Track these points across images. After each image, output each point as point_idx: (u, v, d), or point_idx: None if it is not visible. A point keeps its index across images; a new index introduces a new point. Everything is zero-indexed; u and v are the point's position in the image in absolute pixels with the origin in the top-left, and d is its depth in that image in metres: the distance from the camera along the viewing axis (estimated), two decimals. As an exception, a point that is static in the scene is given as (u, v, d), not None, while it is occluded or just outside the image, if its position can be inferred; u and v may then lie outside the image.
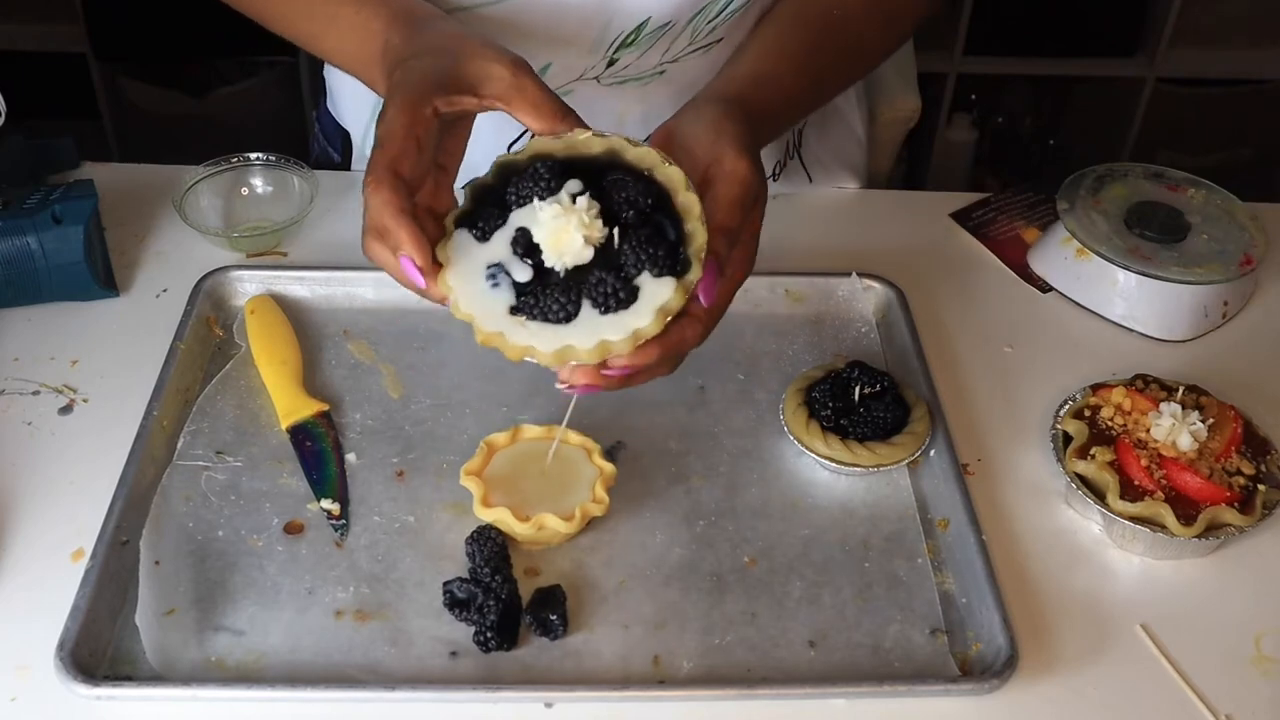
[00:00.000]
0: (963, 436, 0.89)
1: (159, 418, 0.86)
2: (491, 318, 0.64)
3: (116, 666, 0.73)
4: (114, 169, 1.11)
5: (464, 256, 0.66)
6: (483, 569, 0.76)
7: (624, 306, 0.64)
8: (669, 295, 0.64)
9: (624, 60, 0.94)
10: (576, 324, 0.64)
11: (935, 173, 2.39)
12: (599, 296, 0.64)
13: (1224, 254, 1.00)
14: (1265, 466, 0.82)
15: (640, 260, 0.65)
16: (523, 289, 0.65)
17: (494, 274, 0.65)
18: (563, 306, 0.64)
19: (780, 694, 0.72)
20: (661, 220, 0.66)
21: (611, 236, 0.65)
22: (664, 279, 0.65)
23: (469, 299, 0.65)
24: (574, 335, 0.64)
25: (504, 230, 0.66)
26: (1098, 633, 0.78)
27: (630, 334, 0.64)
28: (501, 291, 0.65)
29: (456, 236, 0.66)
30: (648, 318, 0.64)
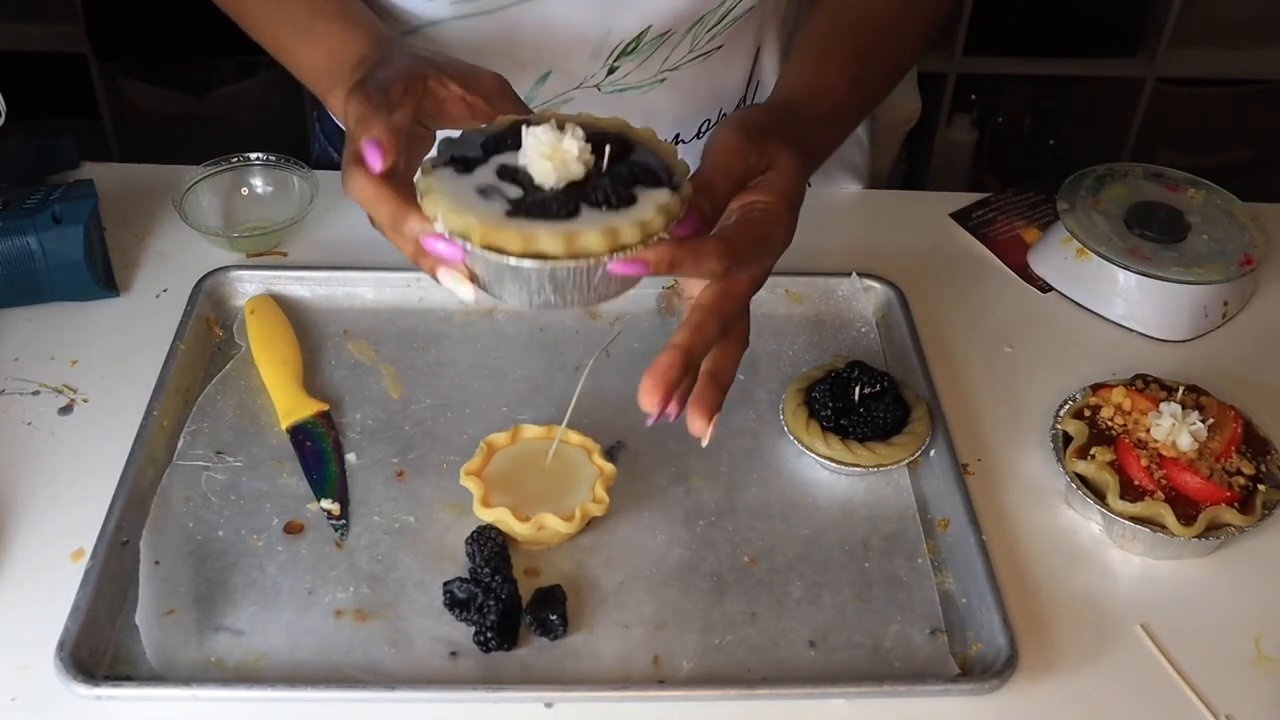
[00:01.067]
0: (963, 436, 0.89)
1: (159, 418, 0.86)
2: (489, 219, 0.61)
3: (116, 666, 0.73)
4: (114, 169, 1.11)
5: (446, 183, 0.63)
6: (483, 569, 0.76)
7: (624, 205, 0.62)
8: (667, 199, 0.63)
9: (624, 69, 0.94)
10: (579, 219, 0.61)
11: (935, 173, 2.39)
12: (597, 197, 0.62)
13: (1224, 254, 1.00)
14: (1265, 466, 0.82)
15: (634, 175, 0.63)
16: (516, 202, 0.62)
17: (484, 190, 0.62)
18: (562, 205, 0.61)
19: (780, 694, 0.72)
20: (647, 154, 0.65)
21: (601, 160, 0.63)
22: (659, 189, 0.63)
23: (460, 210, 0.61)
24: (578, 226, 0.61)
25: (486, 165, 0.64)
26: (1098, 633, 0.78)
27: (637, 223, 0.61)
28: (495, 201, 0.62)
29: (436, 172, 0.64)
30: (650, 212, 0.62)
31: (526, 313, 0.97)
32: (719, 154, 0.68)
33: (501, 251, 0.60)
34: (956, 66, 2.27)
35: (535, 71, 0.95)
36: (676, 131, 1.02)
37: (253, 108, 2.24)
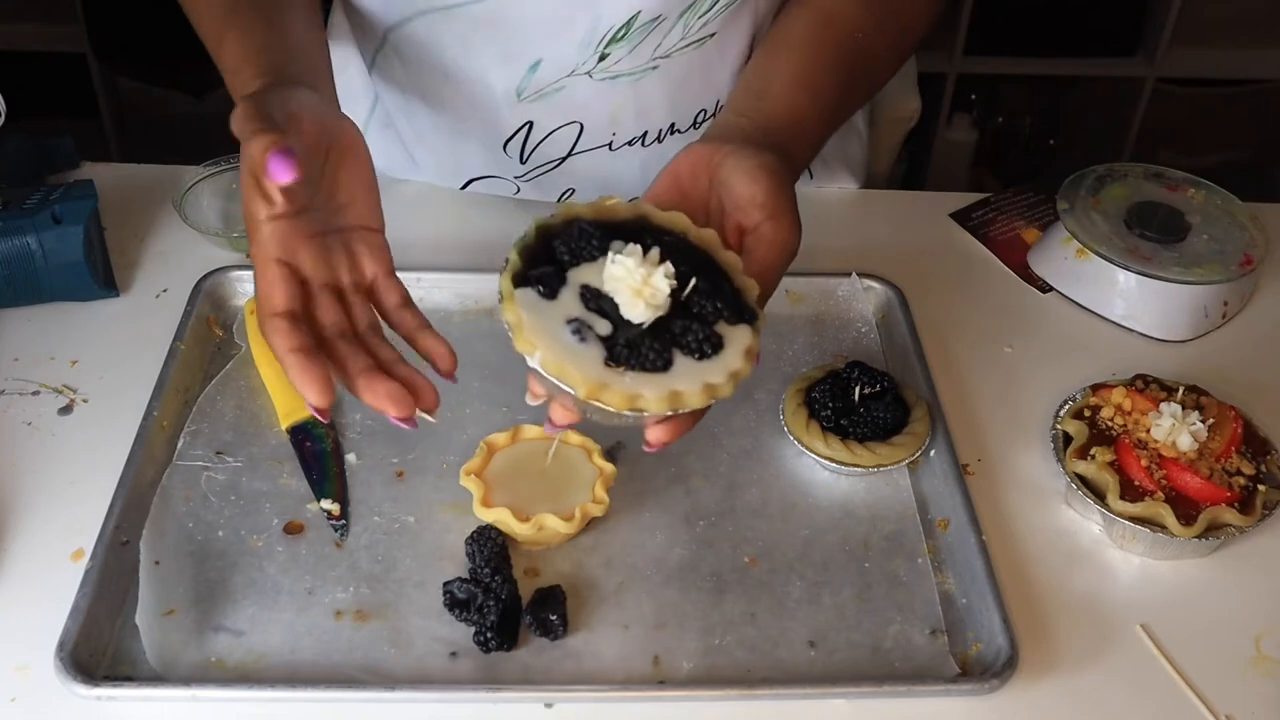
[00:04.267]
0: (963, 436, 0.89)
1: (159, 418, 0.86)
2: (590, 371, 0.63)
3: (116, 666, 0.73)
4: (114, 169, 1.11)
5: (536, 315, 0.64)
6: (483, 569, 0.76)
7: (716, 352, 0.64)
8: (750, 339, 0.65)
9: (615, 55, 0.94)
10: (675, 372, 0.64)
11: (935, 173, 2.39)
12: (691, 344, 0.64)
13: (1224, 254, 1.00)
14: (1265, 466, 0.82)
15: (717, 309, 0.65)
16: (608, 342, 0.64)
17: (577, 328, 0.64)
18: (659, 355, 0.63)
19: (780, 694, 0.72)
20: (716, 274, 0.67)
21: (682, 288, 0.65)
22: (740, 326, 0.66)
23: (558, 354, 0.63)
24: (678, 382, 0.63)
25: (567, 287, 0.65)
26: (1098, 633, 0.78)
27: (730, 375, 0.64)
28: (590, 345, 0.63)
29: (519, 295, 0.64)
30: (739, 360, 0.65)
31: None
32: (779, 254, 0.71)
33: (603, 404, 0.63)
34: (956, 66, 2.28)
35: (526, 60, 0.95)
36: (672, 121, 1.02)
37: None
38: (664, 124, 1.02)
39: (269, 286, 0.67)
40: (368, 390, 0.66)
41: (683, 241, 0.68)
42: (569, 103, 0.98)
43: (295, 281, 0.68)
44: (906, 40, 0.94)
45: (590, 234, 0.66)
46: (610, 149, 1.02)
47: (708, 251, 0.68)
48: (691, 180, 0.74)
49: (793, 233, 0.72)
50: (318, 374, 0.65)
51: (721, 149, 0.74)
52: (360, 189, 0.73)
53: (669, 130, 1.02)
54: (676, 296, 0.64)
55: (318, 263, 0.70)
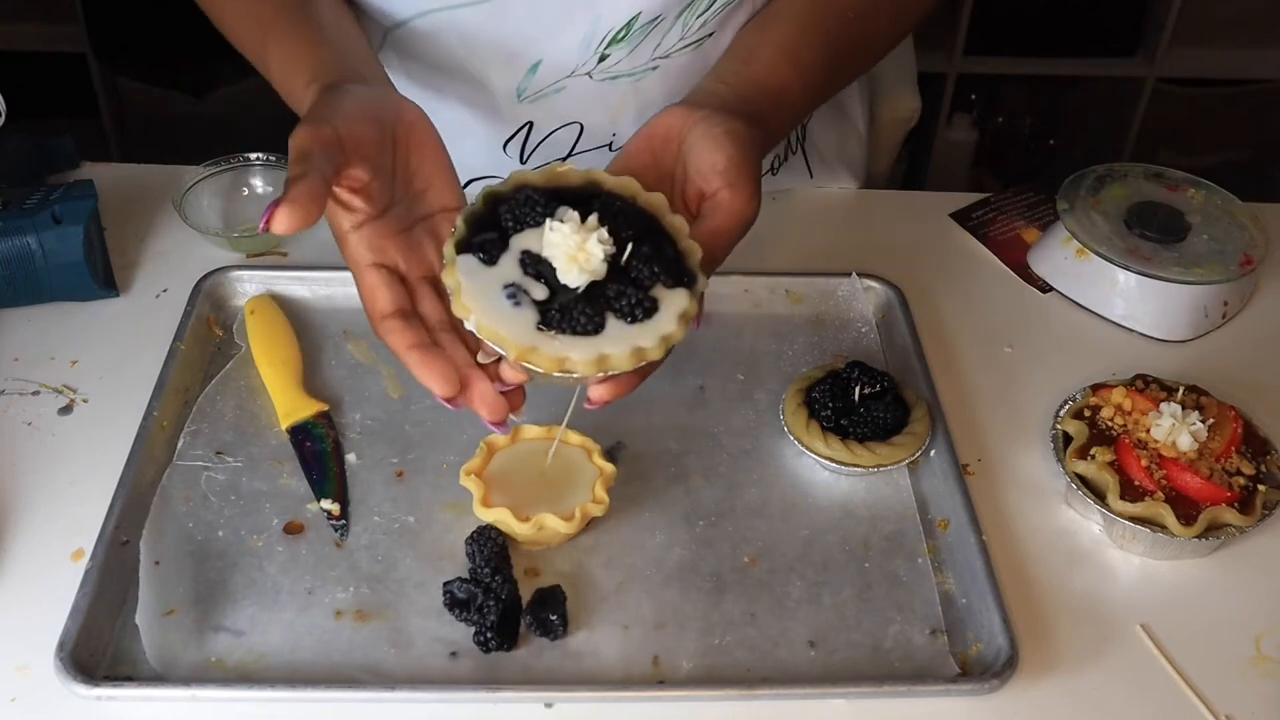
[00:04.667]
0: (963, 436, 0.89)
1: (159, 418, 0.86)
2: (522, 334, 0.64)
3: (116, 666, 0.73)
4: (114, 169, 1.11)
5: (474, 279, 0.66)
6: (483, 569, 0.76)
7: (648, 316, 0.66)
8: (686, 304, 0.66)
9: (615, 56, 0.94)
10: (606, 335, 0.65)
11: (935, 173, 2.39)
12: (624, 308, 0.65)
13: (1224, 254, 1.00)
14: (1265, 466, 0.82)
15: (654, 273, 0.66)
16: (543, 306, 0.65)
17: (513, 293, 0.65)
18: (590, 319, 0.65)
19: (780, 694, 0.72)
20: (659, 238, 0.68)
21: (620, 253, 0.66)
22: (678, 290, 0.67)
23: (492, 318, 0.64)
24: (606, 345, 0.65)
25: (509, 253, 0.67)
26: (1098, 633, 0.78)
27: (661, 338, 0.65)
28: (524, 310, 0.65)
29: (461, 261, 0.66)
30: (672, 324, 0.66)
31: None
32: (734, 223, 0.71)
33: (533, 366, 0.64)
34: (956, 66, 2.28)
35: (526, 61, 0.95)
36: None
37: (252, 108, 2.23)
38: None
39: (371, 292, 0.69)
40: (471, 392, 0.68)
41: (629, 206, 0.69)
42: (569, 103, 0.98)
43: (395, 281, 0.69)
44: (906, 17, 0.93)
45: (535, 201, 0.67)
46: (610, 149, 1.02)
47: (655, 216, 0.69)
48: (663, 143, 0.74)
49: (749, 202, 0.72)
50: (441, 367, 0.67)
51: (694, 114, 0.74)
52: (435, 170, 0.74)
53: None
54: (616, 261, 0.66)
55: (410, 258, 0.71)
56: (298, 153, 0.66)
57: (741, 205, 0.72)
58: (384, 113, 0.72)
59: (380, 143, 0.70)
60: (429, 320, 0.70)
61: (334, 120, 0.68)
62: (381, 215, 0.70)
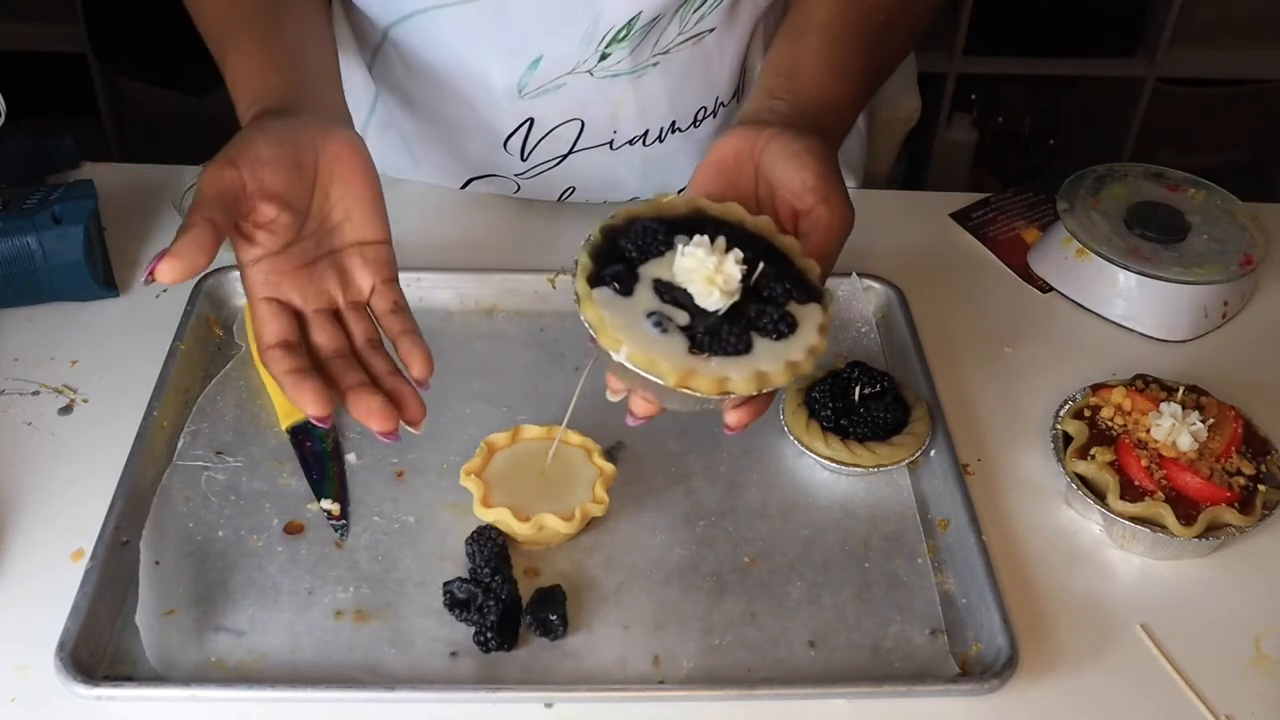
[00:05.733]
0: (963, 436, 0.89)
1: (159, 418, 0.86)
2: (678, 360, 0.64)
3: (116, 666, 0.73)
4: (114, 169, 1.11)
5: (616, 311, 0.66)
6: (483, 569, 0.76)
7: (792, 332, 0.66)
8: (821, 317, 0.68)
9: (616, 55, 0.95)
10: (756, 354, 0.65)
11: (935, 173, 2.39)
12: (768, 326, 0.66)
13: (1224, 254, 1.00)
14: (1265, 466, 0.82)
15: (786, 290, 0.67)
16: (688, 332, 0.66)
17: (658, 320, 0.65)
18: (739, 339, 0.65)
19: (780, 694, 0.72)
20: (779, 258, 0.69)
21: (749, 274, 0.67)
22: (810, 304, 0.68)
23: (645, 346, 0.64)
24: (760, 363, 0.65)
25: (641, 283, 0.67)
26: (1098, 633, 0.78)
27: (809, 351, 0.66)
28: (673, 336, 0.65)
29: (597, 294, 0.66)
30: (815, 337, 0.67)
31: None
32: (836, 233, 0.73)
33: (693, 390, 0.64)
34: (956, 66, 2.28)
35: (527, 57, 0.95)
36: (673, 120, 1.02)
37: (253, 108, 2.24)
38: (664, 122, 1.02)
39: (260, 324, 0.71)
40: (355, 405, 0.69)
41: (742, 230, 0.69)
42: (570, 99, 0.98)
43: (286, 314, 0.71)
44: (925, 16, 0.94)
45: (655, 230, 0.68)
46: (611, 147, 1.02)
47: (766, 238, 0.70)
48: (736, 168, 0.75)
49: (847, 212, 0.73)
50: (312, 388, 0.68)
51: (763, 134, 0.74)
52: (356, 204, 0.74)
53: (670, 129, 1.02)
54: (745, 282, 0.66)
55: (306, 293, 0.72)
56: (197, 198, 0.68)
57: (841, 217, 0.73)
58: (304, 148, 0.73)
59: (292, 181, 0.71)
60: (323, 350, 0.71)
61: (241, 161, 0.70)
62: (284, 250, 0.72)
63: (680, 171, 1.07)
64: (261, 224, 0.71)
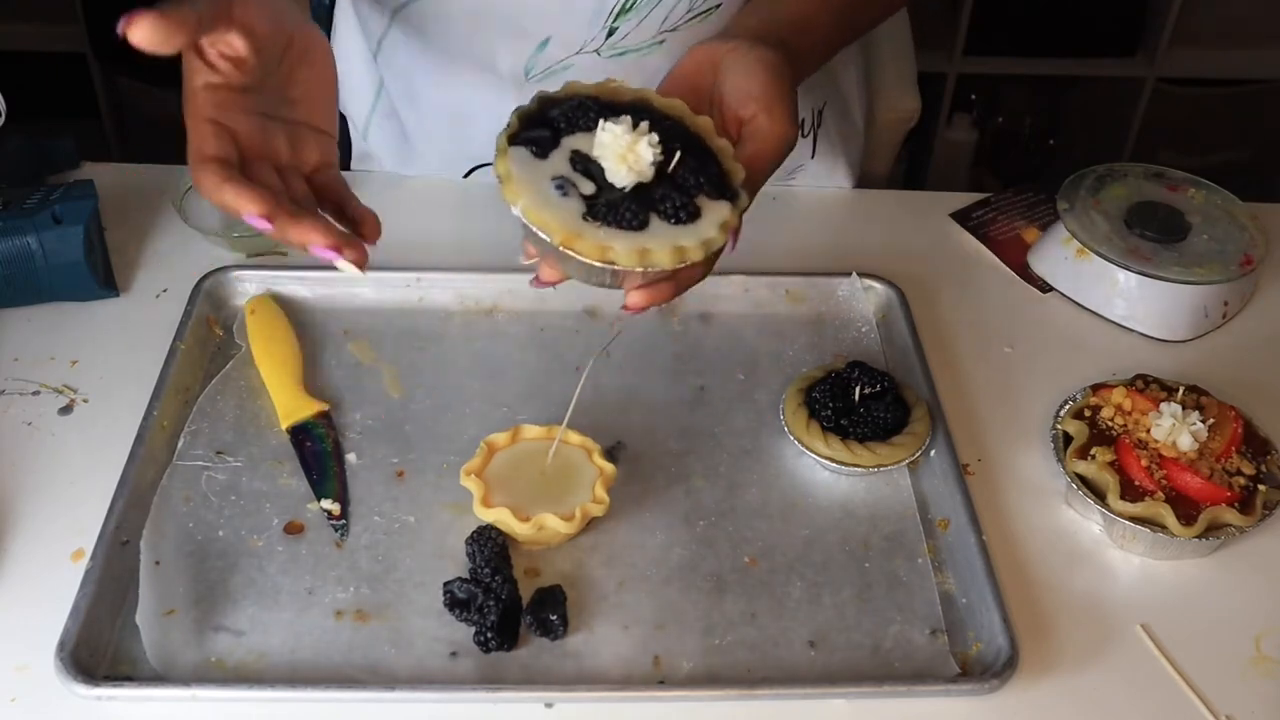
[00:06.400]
0: (963, 436, 0.89)
1: (159, 418, 0.86)
2: (568, 221, 0.66)
3: (116, 666, 0.73)
4: (114, 169, 1.11)
5: (525, 169, 0.68)
6: (483, 569, 0.76)
7: (691, 220, 0.68)
8: (728, 214, 0.68)
9: (623, 29, 0.94)
10: (649, 232, 0.67)
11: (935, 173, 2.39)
12: (668, 209, 0.67)
13: (1224, 254, 1.00)
14: (1265, 466, 0.82)
15: (699, 183, 0.68)
16: (589, 200, 0.67)
17: (560, 184, 0.67)
18: (635, 215, 0.67)
19: (780, 694, 0.72)
20: (705, 154, 0.70)
21: (667, 163, 0.68)
22: (720, 202, 0.69)
23: (539, 205, 0.66)
24: (649, 240, 0.66)
25: (559, 150, 0.69)
26: (1098, 633, 0.78)
27: (702, 242, 0.67)
28: (571, 200, 0.67)
29: (512, 151, 0.68)
30: (713, 230, 0.68)
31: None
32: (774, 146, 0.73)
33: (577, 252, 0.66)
34: (956, 66, 2.27)
35: (535, 38, 0.95)
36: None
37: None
38: None
39: (200, 140, 0.66)
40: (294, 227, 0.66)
41: (678, 125, 0.71)
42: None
43: (227, 137, 0.66)
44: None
45: (589, 106, 0.70)
46: None
47: (701, 136, 0.71)
48: (698, 75, 0.76)
49: (787, 126, 0.73)
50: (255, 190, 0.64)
51: (725, 44, 0.76)
52: (316, 89, 0.73)
53: None
54: (663, 170, 0.68)
55: (254, 134, 0.68)
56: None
57: (780, 129, 0.73)
58: (286, 18, 0.70)
59: (271, 33, 0.68)
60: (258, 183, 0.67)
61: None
62: (240, 91, 0.68)
63: None
64: (227, 55, 0.66)
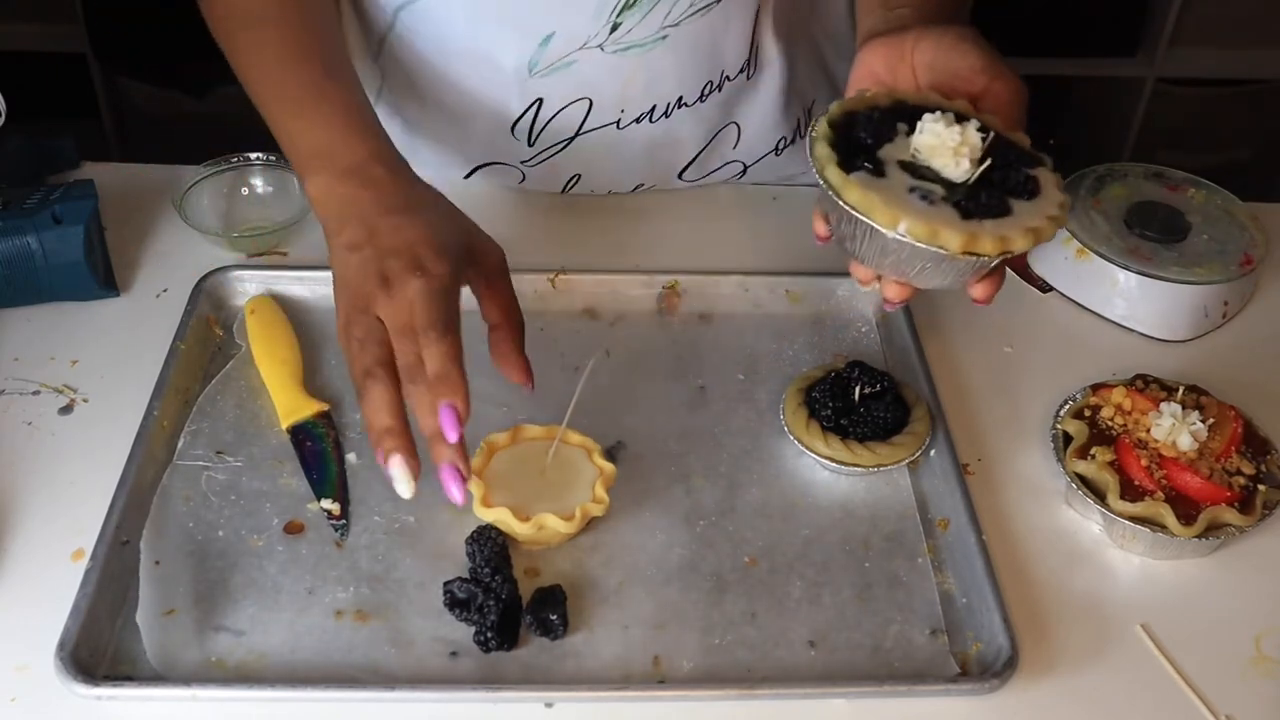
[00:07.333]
0: (963, 436, 0.89)
1: (159, 418, 0.86)
2: (958, 226, 0.66)
3: (116, 666, 0.73)
4: (114, 169, 1.11)
5: (880, 192, 0.67)
6: (483, 569, 0.76)
7: (1039, 192, 0.70)
8: (1055, 176, 0.71)
9: (626, 24, 0.94)
10: (1017, 214, 0.68)
11: (935, 173, 2.39)
12: (1017, 187, 0.69)
13: (1224, 254, 1.00)
14: (1265, 466, 0.82)
15: (1017, 156, 0.71)
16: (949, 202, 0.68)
17: (924, 195, 0.67)
18: (1000, 201, 0.68)
19: (780, 694, 0.72)
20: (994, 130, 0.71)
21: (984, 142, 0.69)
22: (1039, 169, 0.71)
23: (924, 219, 0.66)
24: (1026, 220, 0.67)
25: (888, 165, 0.69)
26: (1098, 633, 0.78)
27: (1059, 206, 0.70)
28: (941, 207, 0.67)
29: (855, 178, 0.68)
30: (1059, 194, 0.70)
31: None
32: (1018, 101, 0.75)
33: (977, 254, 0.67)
34: (957, 66, 2.27)
35: (538, 34, 0.95)
36: (680, 95, 1.02)
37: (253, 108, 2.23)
38: (672, 97, 1.02)
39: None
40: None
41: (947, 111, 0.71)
42: (579, 77, 0.98)
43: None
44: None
45: (880, 118, 0.70)
46: (618, 126, 1.02)
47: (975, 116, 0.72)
48: (891, 75, 0.76)
49: (1021, 83, 0.75)
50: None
51: (907, 37, 0.76)
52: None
53: (676, 104, 1.02)
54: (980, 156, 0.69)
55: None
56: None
57: (1018, 88, 0.75)
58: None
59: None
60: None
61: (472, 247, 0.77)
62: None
63: (687, 148, 1.07)
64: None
